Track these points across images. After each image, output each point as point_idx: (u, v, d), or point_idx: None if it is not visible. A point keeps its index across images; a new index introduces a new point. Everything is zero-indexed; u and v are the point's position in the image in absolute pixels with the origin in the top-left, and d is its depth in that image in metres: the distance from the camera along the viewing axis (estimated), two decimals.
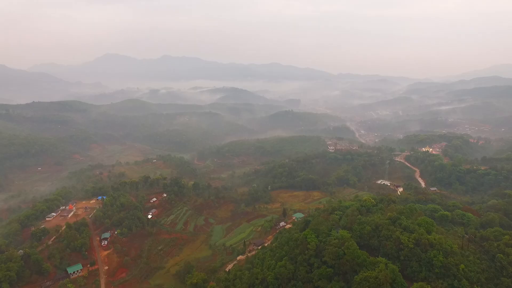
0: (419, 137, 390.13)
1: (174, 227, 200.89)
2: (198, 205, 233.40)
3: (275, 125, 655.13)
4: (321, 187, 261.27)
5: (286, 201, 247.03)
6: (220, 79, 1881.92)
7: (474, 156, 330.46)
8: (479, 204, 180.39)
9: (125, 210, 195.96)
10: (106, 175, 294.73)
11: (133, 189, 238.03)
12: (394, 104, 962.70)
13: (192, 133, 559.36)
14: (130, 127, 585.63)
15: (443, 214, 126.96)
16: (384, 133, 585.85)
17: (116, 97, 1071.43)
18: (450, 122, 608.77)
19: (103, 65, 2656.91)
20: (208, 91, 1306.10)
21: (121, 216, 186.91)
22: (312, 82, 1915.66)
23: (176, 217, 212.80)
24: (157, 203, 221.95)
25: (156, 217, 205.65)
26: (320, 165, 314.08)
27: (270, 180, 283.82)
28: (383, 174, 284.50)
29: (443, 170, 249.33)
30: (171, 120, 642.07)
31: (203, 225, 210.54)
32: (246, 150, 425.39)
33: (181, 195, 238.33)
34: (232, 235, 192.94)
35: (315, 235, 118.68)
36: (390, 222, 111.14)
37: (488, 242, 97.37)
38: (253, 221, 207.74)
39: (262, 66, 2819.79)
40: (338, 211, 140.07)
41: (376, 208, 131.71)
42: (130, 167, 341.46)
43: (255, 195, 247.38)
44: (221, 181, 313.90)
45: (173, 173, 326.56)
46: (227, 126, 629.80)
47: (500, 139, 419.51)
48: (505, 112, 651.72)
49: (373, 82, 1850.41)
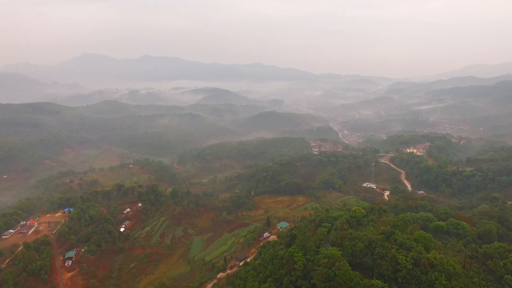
0: (403, 138, 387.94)
1: (150, 240, 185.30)
2: (177, 214, 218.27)
3: (259, 126, 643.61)
4: (306, 191, 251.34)
5: (270, 207, 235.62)
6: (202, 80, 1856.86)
7: (457, 156, 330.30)
8: (469, 208, 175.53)
9: (95, 223, 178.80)
10: (77, 183, 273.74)
11: (105, 198, 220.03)
12: (375, 104, 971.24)
13: (173, 135, 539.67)
14: (106, 130, 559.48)
15: (437, 225, 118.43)
16: (367, 133, 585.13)
17: (93, 98, 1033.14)
18: (431, 122, 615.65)
19: (80, 65, 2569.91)
20: (190, 91, 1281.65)
21: (89, 230, 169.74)
22: (295, 82, 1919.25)
23: (152, 228, 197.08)
24: (131, 214, 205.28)
25: (129, 229, 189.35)
26: (304, 168, 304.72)
27: (253, 185, 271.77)
28: (369, 177, 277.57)
29: (429, 172, 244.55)
30: (151, 122, 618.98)
31: (182, 236, 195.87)
32: (228, 153, 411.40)
33: (158, 204, 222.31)
34: (213, 247, 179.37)
35: (302, 252, 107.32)
36: (384, 238, 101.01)
37: (493, 261, 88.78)
38: (235, 231, 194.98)
39: (244, 66, 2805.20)
40: (326, 222, 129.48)
41: (367, 219, 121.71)
42: (104, 173, 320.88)
43: (237, 201, 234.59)
44: (202, 187, 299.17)
45: (151, 179, 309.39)
46: (209, 127, 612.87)
47: (480, 139, 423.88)
48: (482, 111, 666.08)
49: (355, 82, 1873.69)
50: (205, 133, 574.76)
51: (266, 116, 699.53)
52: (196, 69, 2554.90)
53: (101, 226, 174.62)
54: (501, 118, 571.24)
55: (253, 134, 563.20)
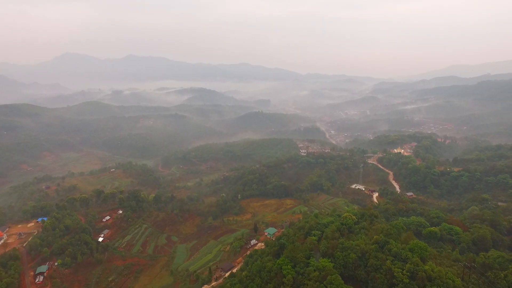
0: (390, 138, 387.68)
1: (130, 250, 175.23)
2: (160, 221, 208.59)
3: (245, 127, 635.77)
4: (294, 194, 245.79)
5: (258, 211, 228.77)
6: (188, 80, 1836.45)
7: (443, 156, 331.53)
8: (458, 210, 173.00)
9: (70, 234, 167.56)
10: (54, 189, 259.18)
11: (83, 206, 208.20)
12: (361, 103, 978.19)
13: (157, 137, 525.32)
14: (88, 132, 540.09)
15: (431, 231, 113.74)
16: (353, 133, 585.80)
17: (75, 99, 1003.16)
18: (416, 121, 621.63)
19: (62, 65, 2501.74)
20: (175, 92, 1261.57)
21: (64, 242, 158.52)
22: (281, 82, 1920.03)
23: (133, 237, 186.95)
24: (111, 222, 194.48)
25: (108, 239, 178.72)
26: (292, 170, 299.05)
27: (240, 188, 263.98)
28: (357, 178, 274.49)
29: (417, 173, 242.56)
30: (135, 123, 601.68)
31: (165, 244, 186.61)
32: (215, 155, 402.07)
33: (140, 210, 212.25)
34: (197, 256, 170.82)
35: (292, 264, 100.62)
36: (378, 248, 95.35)
37: (492, 272, 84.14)
38: (222, 238, 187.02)
39: (231, 66, 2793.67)
40: (315, 230, 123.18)
41: (358, 226, 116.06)
42: (84, 178, 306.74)
43: (223, 206, 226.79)
44: (187, 191, 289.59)
45: (134, 184, 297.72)
46: (195, 129, 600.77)
47: (465, 138, 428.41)
48: (465, 110, 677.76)
49: (341, 82, 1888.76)
50: (190, 135, 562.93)
51: (253, 117, 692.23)
52: (182, 69, 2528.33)
53: (78, 236, 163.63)
54: (484, 117, 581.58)
55: (239, 135, 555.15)
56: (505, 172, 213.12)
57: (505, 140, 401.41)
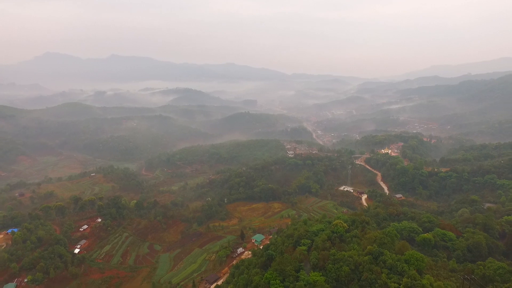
0: (377, 138, 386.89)
1: (109, 261, 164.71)
2: (142, 228, 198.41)
3: (232, 128, 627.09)
4: (282, 197, 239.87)
5: (245, 215, 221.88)
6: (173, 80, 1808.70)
7: (429, 156, 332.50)
8: (448, 212, 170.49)
9: (43, 246, 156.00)
10: (29, 197, 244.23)
11: (59, 215, 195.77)
12: (347, 103, 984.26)
13: (141, 139, 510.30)
14: (68, 135, 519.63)
15: (425, 238, 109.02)
16: (340, 133, 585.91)
17: (55, 100, 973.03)
18: (401, 121, 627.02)
19: (42, 64, 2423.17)
20: (160, 92, 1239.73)
21: (36, 255, 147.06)
22: (268, 82, 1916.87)
23: (112, 247, 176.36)
24: (89, 231, 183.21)
25: (86, 250, 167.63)
26: (279, 172, 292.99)
27: (226, 191, 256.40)
28: (345, 179, 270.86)
29: (405, 174, 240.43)
30: (117, 125, 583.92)
31: (147, 254, 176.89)
32: (200, 157, 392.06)
33: (120, 218, 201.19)
34: (181, 266, 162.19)
35: (280, 278, 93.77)
36: (372, 259, 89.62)
37: (493, 285, 79.67)
38: (207, 246, 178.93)
39: (217, 66, 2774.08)
40: (305, 239, 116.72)
41: (350, 235, 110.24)
42: (62, 183, 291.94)
43: (209, 210, 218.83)
44: (171, 195, 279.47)
45: (115, 189, 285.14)
46: (180, 130, 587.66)
47: (450, 137, 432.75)
48: (448, 110, 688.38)
49: (326, 82, 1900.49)
50: (175, 136, 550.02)
51: (239, 118, 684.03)
52: (167, 69, 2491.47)
53: (51, 249, 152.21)
54: (467, 116, 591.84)
55: (226, 136, 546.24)
56: (492, 172, 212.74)
57: (488, 139, 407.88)
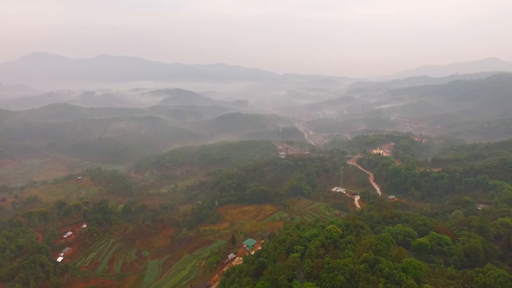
0: (368, 138, 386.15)
1: (95, 269, 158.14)
2: (129, 234, 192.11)
3: (223, 129, 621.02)
4: (274, 199, 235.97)
5: (236, 218, 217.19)
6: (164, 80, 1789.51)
7: (421, 156, 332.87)
8: (442, 214, 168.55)
9: (24, 255, 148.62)
10: (10, 202, 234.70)
11: (42, 221, 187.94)
12: (338, 103, 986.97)
13: (130, 140, 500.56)
14: (54, 136, 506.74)
15: (421, 243, 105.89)
16: (332, 133, 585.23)
17: (42, 100, 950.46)
18: (392, 121, 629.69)
19: (29, 64, 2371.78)
20: (150, 92, 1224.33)
21: (16, 265, 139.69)
22: (259, 82, 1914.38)
23: (98, 254, 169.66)
24: (73, 238, 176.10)
25: (69, 258, 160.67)
26: (271, 173, 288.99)
27: (217, 194, 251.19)
28: (338, 180, 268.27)
29: (398, 175, 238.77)
30: (105, 126, 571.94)
31: (135, 261, 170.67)
32: (191, 158, 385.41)
33: (107, 223, 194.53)
34: (170, 273, 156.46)
35: None
36: (368, 268, 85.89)
37: None
38: (197, 251, 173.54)
39: (208, 66, 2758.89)
40: (298, 245, 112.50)
41: (344, 240, 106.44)
42: (46, 187, 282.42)
43: (199, 214, 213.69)
44: (161, 198, 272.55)
45: (103, 192, 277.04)
46: (170, 131, 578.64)
47: (440, 137, 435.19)
48: (438, 109, 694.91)
49: (318, 82, 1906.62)
50: (166, 138, 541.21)
51: (230, 118, 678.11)
52: (157, 69, 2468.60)
53: (32, 258, 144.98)
54: (456, 115, 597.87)
55: (217, 137, 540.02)
56: (484, 172, 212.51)
57: (478, 138, 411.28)
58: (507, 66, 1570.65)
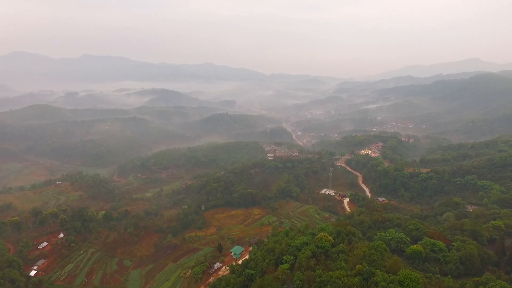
0: (356, 139, 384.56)
1: (72, 282, 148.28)
2: (110, 242, 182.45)
3: (210, 130, 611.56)
4: (262, 202, 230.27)
5: (223, 223, 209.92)
6: (150, 80, 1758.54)
7: (408, 156, 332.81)
8: (433, 216, 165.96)
9: None
10: None
11: (15, 231, 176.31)
12: (326, 103, 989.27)
13: (113, 143, 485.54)
14: (34, 139, 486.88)
15: (415, 251, 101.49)
16: (320, 133, 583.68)
17: (22, 102, 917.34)
18: (379, 120, 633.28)
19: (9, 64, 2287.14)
20: (136, 93, 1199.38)
21: None
22: (247, 82, 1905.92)
23: (76, 266, 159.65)
24: (49, 249, 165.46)
25: (44, 271, 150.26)
26: (259, 175, 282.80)
27: (203, 197, 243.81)
28: (327, 182, 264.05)
29: (387, 176, 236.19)
30: (88, 128, 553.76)
31: (116, 271, 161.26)
32: (176, 161, 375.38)
33: (86, 232, 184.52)
34: (154, 284, 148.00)
35: None
36: (362, 281, 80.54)
37: None
38: (182, 260, 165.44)
39: (194, 66, 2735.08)
40: (287, 255, 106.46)
41: (336, 249, 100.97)
42: (23, 193, 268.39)
43: (185, 219, 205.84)
44: (145, 202, 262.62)
45: (83, 198, 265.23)
46: (156, 132, 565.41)
47: (427, 137, 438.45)
48: (423, 109, 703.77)
49: (305, 82, 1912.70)
50: (151, 139, 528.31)
51: (218, 119, 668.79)
52: (143, 69, 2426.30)
53: (1, 273, 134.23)
54: (441, 115, 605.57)
55: (204, 138, 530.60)
56: (472, 172, 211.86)
57: (463, 137, 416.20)
58: (488, 66, 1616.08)
